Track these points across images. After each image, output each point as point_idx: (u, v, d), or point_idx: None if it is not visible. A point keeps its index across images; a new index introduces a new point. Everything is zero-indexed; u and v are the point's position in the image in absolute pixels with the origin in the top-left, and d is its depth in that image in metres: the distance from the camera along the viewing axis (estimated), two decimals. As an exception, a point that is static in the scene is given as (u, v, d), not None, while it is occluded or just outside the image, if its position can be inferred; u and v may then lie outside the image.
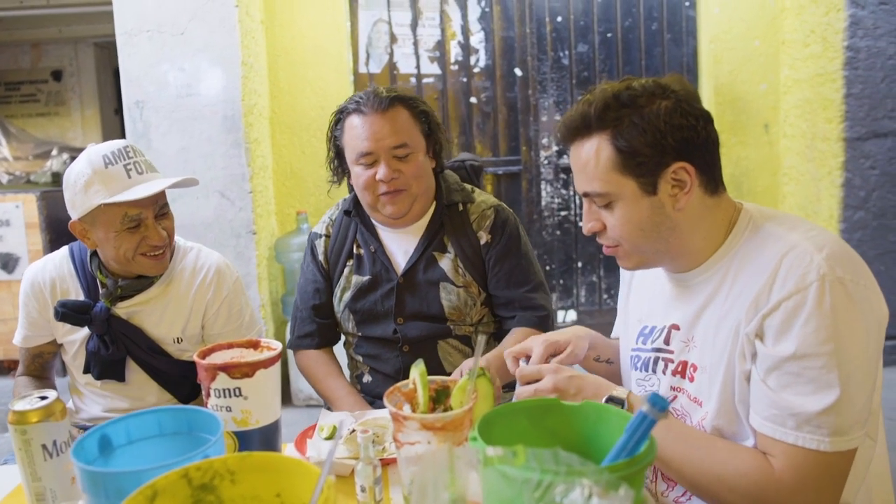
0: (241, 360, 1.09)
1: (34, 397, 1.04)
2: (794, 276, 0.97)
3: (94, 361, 1.57)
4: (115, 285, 1.55)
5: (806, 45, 3.63)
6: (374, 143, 1.57)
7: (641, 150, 1.03)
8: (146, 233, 1.49)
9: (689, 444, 1.03)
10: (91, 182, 1.44)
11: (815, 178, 3.66)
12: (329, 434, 1.25)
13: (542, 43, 3.90)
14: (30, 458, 1.02)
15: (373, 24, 3.80)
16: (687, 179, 1.05)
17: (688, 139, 1.04)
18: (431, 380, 0.98)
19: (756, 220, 1.09)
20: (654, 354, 1.18)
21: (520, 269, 1.69)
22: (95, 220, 1.48)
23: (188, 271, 1.64)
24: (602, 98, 1.05)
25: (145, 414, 0.97)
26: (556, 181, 4.00)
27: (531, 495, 0.69)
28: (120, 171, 1.45)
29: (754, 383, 1.01)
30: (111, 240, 1.48)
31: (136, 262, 1.52)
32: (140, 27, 3.18)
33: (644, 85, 1.06)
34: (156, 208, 1.51)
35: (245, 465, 0.79)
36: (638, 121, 1.03)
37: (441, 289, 1.66)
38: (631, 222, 1.08)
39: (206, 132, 3.24)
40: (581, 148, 1.09)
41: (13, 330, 1.68)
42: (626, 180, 1.06)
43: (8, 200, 3.77)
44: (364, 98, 1.60)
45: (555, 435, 0.92)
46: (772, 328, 0.98)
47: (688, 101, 1.06)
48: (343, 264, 1.74)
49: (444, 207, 1.69)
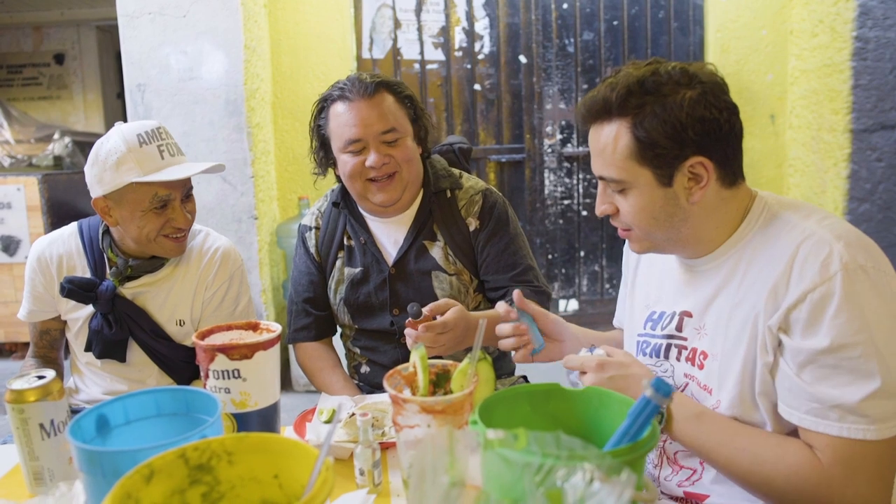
0: (241, 342, 1.09)
1: (32, 376, 1.03)
2: (814, 266, 0.96)
3: (97, 340, 1.56)
4: (126, 265, 1.55)
5: (814, 34, 3.60)
6: (362, 129, 1.54)
7: (660, 141, 1.01)
8: (172, 215, 1.50)
9: (736, 440, 1.01)
10: (125, 160, 1.44)
11: (821, 169, 3.64)
12: (328, 417, 1.24)
13: (548, 30, 3.86)
14: (27, 438, 1.01)
15: (377, 10, 3.77)
16: (704, 174, 1.03)
17: (709, 132, 1.01)
18: (432, 363, 0.97)
19: (771, 208, 1.08)
20: (666, 341, 1.17)
21: (508, 253, 1.66)
22: (122, 198, 1.47)
23: (195, 253, 1.64)
24: (626, 83, 1.02)
25: (143, 394, 0.96)
26: (560, 170, 3.98)
27: (532, 479, 0.68)
28: (154, 151, 1.45)
29: (786, 378, 0.99)
30: (136, 219, 1.48)
31: (158, 242, 1.52)
32: (142, 9, 3.16)
33: (671, 72, 1.03)
34: (184, 191, 1.52)
35: (243, 446, 0.78)
36: (660, 111, 1.00)
37: (433, 278, 1.64)
38: (644, 211, 1.07)
39: (209, 116, 3.22)
40: (600, 131, 1.07)
41: (14, 312, 1.68)
42: (643, 170, 1.04)
43: (10, 183, 3.76)
44: (348, 84, 1.57)
45: (556, 420, 0.92)
46: (799, 321, 0.97)
47: (714, 92, 1.02)
48: (335, 256, 1.72)
49: (432, 195, 1.66)
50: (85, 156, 4.50)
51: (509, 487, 0.70)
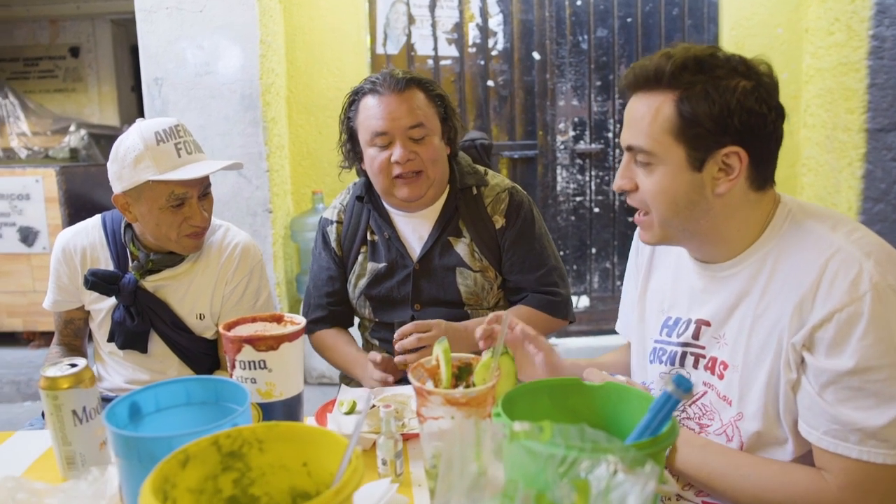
0: (266, 334, 1.11)
1: (64, 364, 1.06)
2: (843, 284, 0.94)
3: (119, 331, 1.60)
4: (147, 258, 1.57)
5: (830, 33, 3.58)
6: (389, 122, 1.54)
7: (704, 121, 0.98)
8: (189, 212, 1.51)
9: (740, 468, 1.00)
10: (142, 157, 1.45)
11: (835, 169, 3.63)
12: (349, 409, 1.27)
13: (562, 27, 3.87)
14: (60, 423, 1.04)
15: (391, 5, 3.78)
16: (736, 166, 1.00)
17: (753, 127, 0.99)
18: (454, 357, 0.99)
19: (795, 216, 1.05)
20: (682, 349, 1.15)
21: (533, 254, 1.67)
22: (140, 195, 1.49)
23: (215, 248, 1.65)
24: (683, 56, 1.00)
25: (174, 383, 0.99)
26: (572, 166, 3.99)
27: (556, 470, 0.70)
28: (171, 149, 1.46)
29: (807, 396, 0.97)
30: (153, 216, 1.50)
31: (176, 239, 1.54)
32: (159, 4, 3.19)
33: (730, 58, 1.01)
34: (201, 189, 1.53)
35: (273, 434, 0.80)
36: (711, 91, 0.98)
37: (458, 274, 1.65)
38: (665, 192, 1.03)
39: (224, 110, 3.25)
40: (643, 100, 1.04)
41: (33, 302, 1.73)
42: (677, 147, 1.01)
43: (28, 175, 3.81)
44: (380, 79, 1.58)
45: (576, 414, 0.93)
46: (824, 341, 0.95)
47: (768, 89, 1.01)
48: (357, 251, 1.72)
49: (458, 192, 1.67)
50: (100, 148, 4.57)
51: (533, 478, 0.72)
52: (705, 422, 1.11)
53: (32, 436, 1.29)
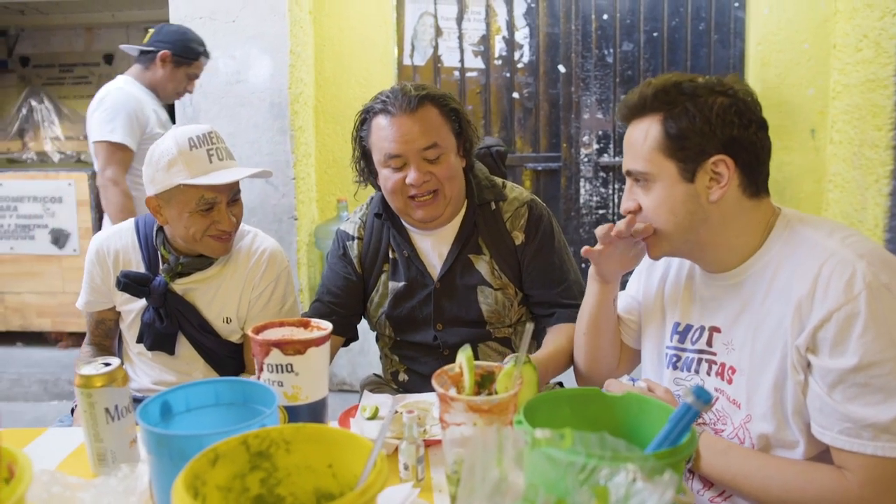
0: (293, 338, 1.13)
1: (99, 363, 1.10)
2: (838, 285, 0.98)
3: (148, 332, 1.63)
4: (177, 261, 1.61)
5: (858, 49, 3.56)
6: (402, 145, 1.49)
7: (688, 135, 1.07)
8: (217, 217, 1.55)
9: (763, 470, 1.03)
10: (175, 162, 1.49)
11: (862, 186, 3.59)
12: (372, 414, 1.29)
13: (587, 40, 3.89)
14: (93, 420, 1.07)
15: (419, 17, 3.83)
16: (725, 173, 1.07)
17: (735, 137, 1.07)
18: (477, 365, 1.01)
19: (792, 225, 1.11)
20: (697, 356, 1.19)
21: (553, 267, 1.63)
22: (172, 199, 1.53)
23: (244, 253, 1.68)
24: (662, 82, 1.10)
25: (204, 384, 1.01)
26: (596, 179, 3.99)
27: (576, 477, 0.71)
28: (203, 155, 1.50)
29: (816, 397, 1.00)
30: (183, 219, 1.53)
31: (203, 242, 1.57)
32: (193, 13, 3.26)
33: (707, 80, 1.10)
34: (230, 194, 1.56)
35: (300, 436, 0.82)
36: (691, 108, 1.07)
37: (479, 292, 1.61)
38: (664, 205, 1.11)
39: (253, 119, 3.31)
40: (634, 128, 1.14)
41: (62, 303, 1.77)
42: (668, 163, 1.09)
43: (61, 178, 3.89)
44: (391, 97, 1.51)
45: (596, 424, 0.94)
46: (826, 340, 0.98)
47: (746, 104, 1.08)
48: (380, 270, 1.68)
49: (476, 207, 1.62)
50: (131, 154, 4.63)
51: (553, 484, 0.74)
52: (720, 427, 1.14)
53: (64, 432, 1.33)
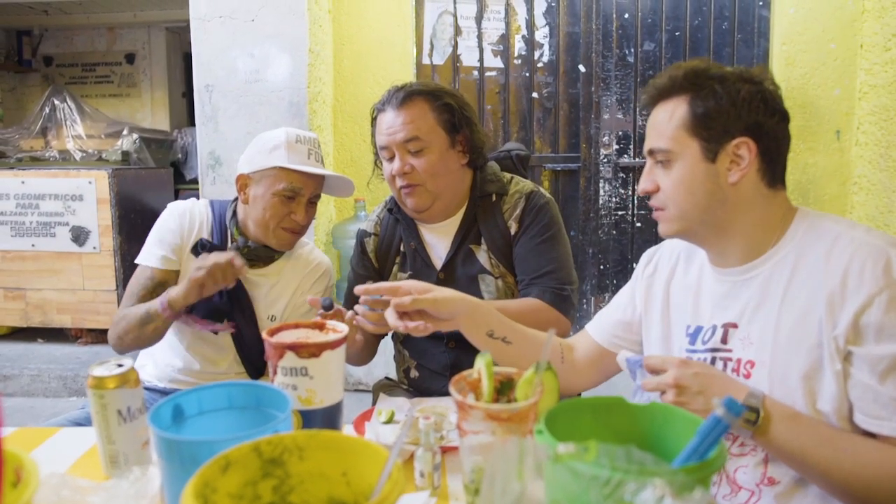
0: (308, 341, 1.12)
1: (112, 364, 1.08)
2: (875, 271, 0.97)
3: (201, 305, 1.63)
4: (245, 244, 1.69)
5: (886, 48, 3.48)
6: (387, 137, 1.60)
7: (714, 115, 1.08)
8: (295, 208, 1.66)
9: (835, 441, 0.99)
10: (278, 147, 1.63)
11: (889, 188, 3.51)
12: (387, 418, 1.27)
13: (608, 40, 3.84)
14: (106, 422, 1.06)
15: (438, 16, 3.81)
16: (746, 156, 1.08)
17: (760, 123, 1.08)
18: (496, 371, 0.98)
19: (813, 221, 1.10)
20: (711, 355, 1.16)
21: (536, 253, 1.62)
22: (262, 178, 1.65)
23: (302, 260, 1.80)
24: (692, 66, 1.12)
25: (217, 387, 1.00)
26: (615, 180, 3.95)
27: (600, 492, 0.68)
28: (304, 149, 1.65)
29: (867, 389, 0.97)
30: (266, 200, 1.64)
31: (275, 231, 1.67)
32: (213, 13, 3.27)
33: (735, 68, 1.13)
34: (313, 191, 1.68)
35: (313, 443, 0.80)
36: (719, 89, 1.08)
37: (481, 281, 1.64)
38: (683, 184, 1.12)
39: (272, 117, 3.30)
40: (660, 109, 1.15)
41: (82, 300, 1.79)
42: (692, 141, 1.10)
43: (82, 176, 3.92)
44: (387, 95, 1.63)
45: (619, 433, 0.91)
46: (870, 326, 0.96)
47: (771, 95, 1.10)
48: (392, 262, 1.75)
49: (477, 199, 1.67)
50: (151, 152, 4.68)
51: (576, 498, 0.71)
52: None
53: (77, 432, 1.32)
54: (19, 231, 3.97)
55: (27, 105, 5.68)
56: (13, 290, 4.03)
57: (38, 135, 4.63)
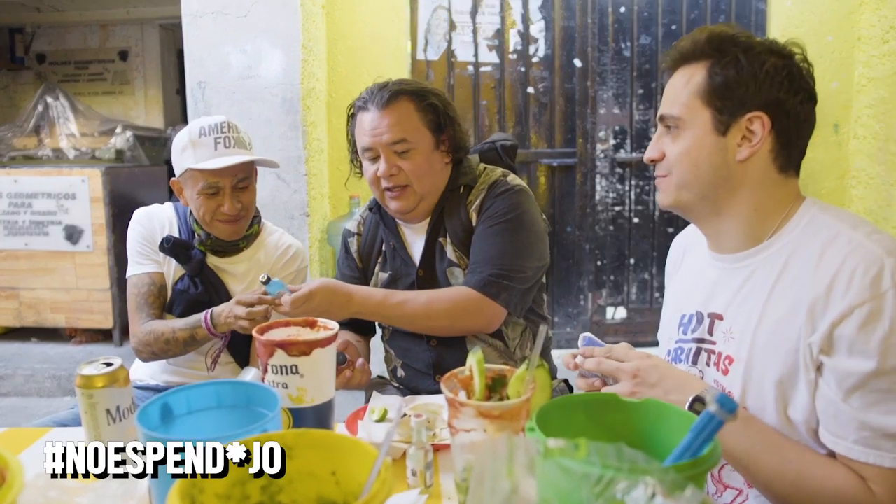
0: (299, 339, 1.11)
1: (100, 363, 1.07)
2: (863, 280, 0.91)
3: (180, 300, 1.71)
4: (208, 237, 1.74)
5: (884, 41, 3.47)
6: (372, 138, 1.56)
7: (732, 86, 1.03)
8: (222, 200, 1.67)
9: (783, 450, 0.97)
10: (186, 147, 1.66)
11: (887, 181, 3.51)
12: (380, 416, 1.26)
13: (604, 34, 3.82)
14: (94, 422, 1.05)
15: (432, 11, 3.79)
16: (759, 133, 1.03)
17: (780, 100, 1.02)
18: (488, 368, 0.97)
19: (816, 214, 1.04)
20: (696, 345, 1.13)
21: (482, 238, 1.56)
22: (186, 181, 1.70)
23: (271, 246, 1.83)
24: (719, 31, 1.06)
25: (205, 385, 0.99)
26: (612, 175, 3.93)
27: (590, 490, 0.67)
28: (210, 142, 1.64)
29: (831, 404, 0.94)
30: (195, 200, 1.69)
31: (213, 224, 1.71)
32: (205, 9, 3.24)
33: (766, 40, 1.06)
34: (234, 181, 1.67)
35: (302, 442, 0.79)
36: (743, 59, 1.02)
37: (450, 275, 1.62)
38: (689, 153, 1.07)
39: (265, 114, 3.28)
40: (679, 74, 1.10)
41: (76, 299, 1.81)
42: (704, 110, 1.05)
43: (75, 175, 3.90)
44: (369, 94, 1.59)
45: (612, 430, 0.90)
46: (843, 338, 0.92)
47: (799, 72, 1.04)
48: (375, 261, 1.74)
49: (448, 193, 1.64)
50: (145, 149, 4.66)
51: (567, 497, 0.70)
52: None
53: (67, 433, 1.31)
54: (12, 230, 3.95)
55: (20, 103, 5.64)
56: (6, 289, 4.02)
57: (31, 133, 4.61)
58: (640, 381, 1.02)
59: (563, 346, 3.85)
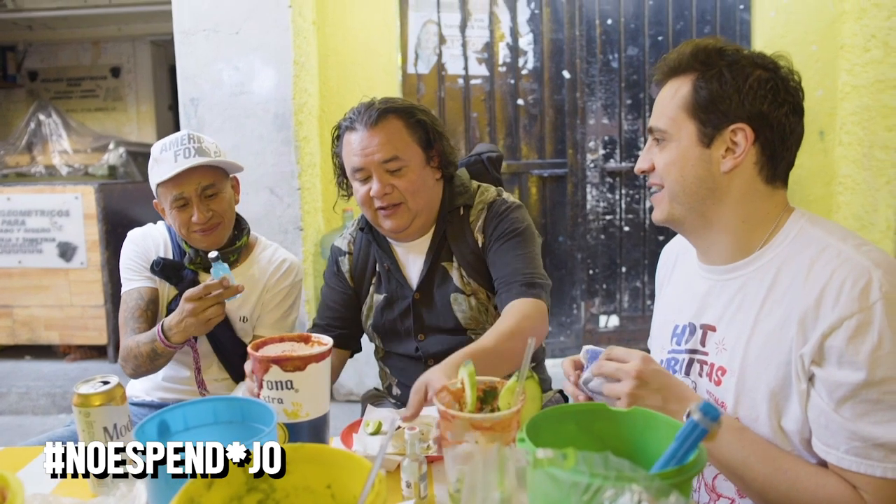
0: (294, 354, 1.12)
1: (97, 381, 1.08)
2: (852, 292, 0.93)
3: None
4: (196, 254, 1.73)
5: (866, 49, 3.53)
6: (363, 158, 1.53)
7: (715, 99, 1.04)
8: (191, 210, 1.66)
9: (777, 460, 0.98)
10: (152, 166, 1.68)
11: (873, 187, 3.55)
12: (375, 429, 1.27)
13: (592, 45, 3.87)
14: (92, 440, 1.06)
15: (422, 25, 3.83)
16: (742, 145, 1.04)
17: (763, 113, 1.03)
18: (479, 380, 0.99)
19: (804, 227, 1.05)
20: (689, 356, 1.14)
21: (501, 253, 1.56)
22: (161, 199, 1.70)
23: (266, 261, 1.82)
24: (705, 44, 1.08)
25: (202, 402, 1.00)
26: (602, 185, 3.97)
27: (579, 498, 0.69)
28: (170, 156, 1.64)
29: (822, 414, 0.95)
30: (171, 215, 1.69)
31: (191, 237, 1.70)
32: (197, 26, 3.27)
33: (752, 53, 1.07)
34: (198, 189, 1.65)
35: (297, 457, 0.80)
36: (727, 72, 1.04)
37: (452, 300, 1.60)
38: (675, 164, 1.08)
39: (258, 130, 3.30)
40: (667, 87, 1.12)
41: (70, 316, 1.81)
42: (689, 123, 1.07)
43: (68, 192, 3.91)
44: (357, 114, 1.56)
45: (602, 440, 0.92)
46: (834, 349, 0.93)
47: (785, 85, 1.05)
48: (369, 282, 1.71)
49: (447, 214, 1.63)
50: (137, 165, 4.67)
51: (556, 506, 0.71)
52: None
53: (64, 450, 1.31)
54: (5, 247, 3.95)
55: (12, 121, 5.65)
56: (0, 307, 4.01)
57: (24, 150, 4.62)
58: (642, 383, 1.01)
59: (556, 356, 3.87)
